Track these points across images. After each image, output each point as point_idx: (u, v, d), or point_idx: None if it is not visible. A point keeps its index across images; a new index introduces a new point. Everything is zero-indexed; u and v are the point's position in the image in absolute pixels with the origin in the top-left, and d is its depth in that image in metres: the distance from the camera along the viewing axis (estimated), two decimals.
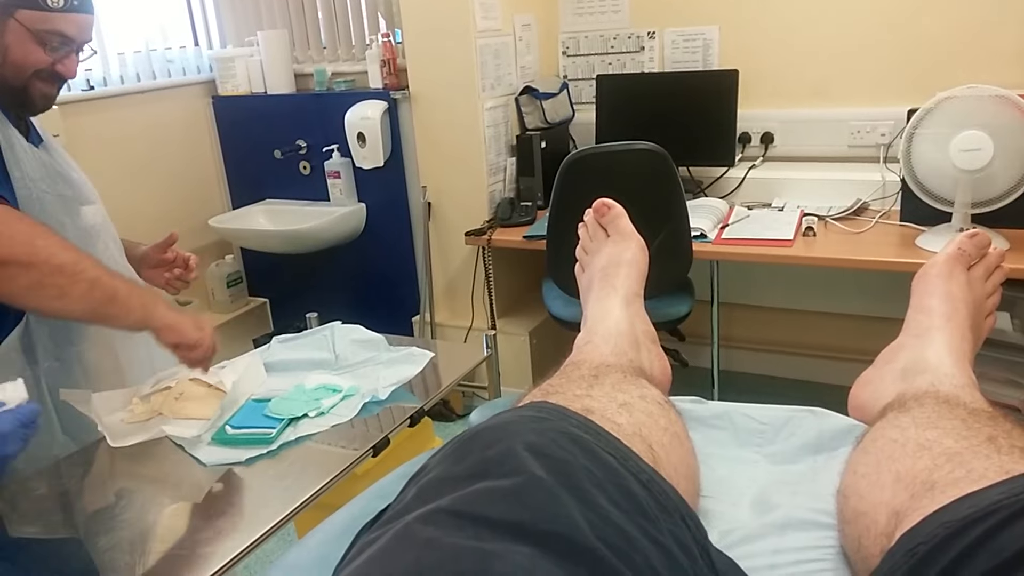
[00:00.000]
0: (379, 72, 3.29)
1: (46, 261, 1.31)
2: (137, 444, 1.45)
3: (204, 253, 3.69)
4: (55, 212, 1.53)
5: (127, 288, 1.41)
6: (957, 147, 2.24)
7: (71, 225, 1.57)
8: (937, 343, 1.03)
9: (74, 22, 1.46)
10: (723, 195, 3.08)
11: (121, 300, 1.39)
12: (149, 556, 1.16)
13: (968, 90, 2.27)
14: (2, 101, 1.48)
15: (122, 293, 1.39)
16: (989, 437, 0.78)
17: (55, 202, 1.53)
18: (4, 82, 1.46)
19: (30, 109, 1.53)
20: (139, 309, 1.41)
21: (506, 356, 2.85)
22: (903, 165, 2.39)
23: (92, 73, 3.21)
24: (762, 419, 1.14)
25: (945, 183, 2.33)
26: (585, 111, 3.36)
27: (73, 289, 1.34)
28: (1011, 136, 2.22)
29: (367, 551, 0.65)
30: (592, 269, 1.26)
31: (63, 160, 1.63)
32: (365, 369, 1.65)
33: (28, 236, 1.32)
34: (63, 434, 1.58)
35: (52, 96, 1.53)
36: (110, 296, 1.38)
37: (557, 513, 0.64)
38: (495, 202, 3.15)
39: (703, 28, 3.11)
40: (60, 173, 1.59)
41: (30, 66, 1.45)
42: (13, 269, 1.30)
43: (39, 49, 1.45)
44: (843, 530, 0.84)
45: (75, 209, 1.59)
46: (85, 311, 1.39)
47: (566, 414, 0.81)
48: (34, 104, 1.52)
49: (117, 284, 1.39)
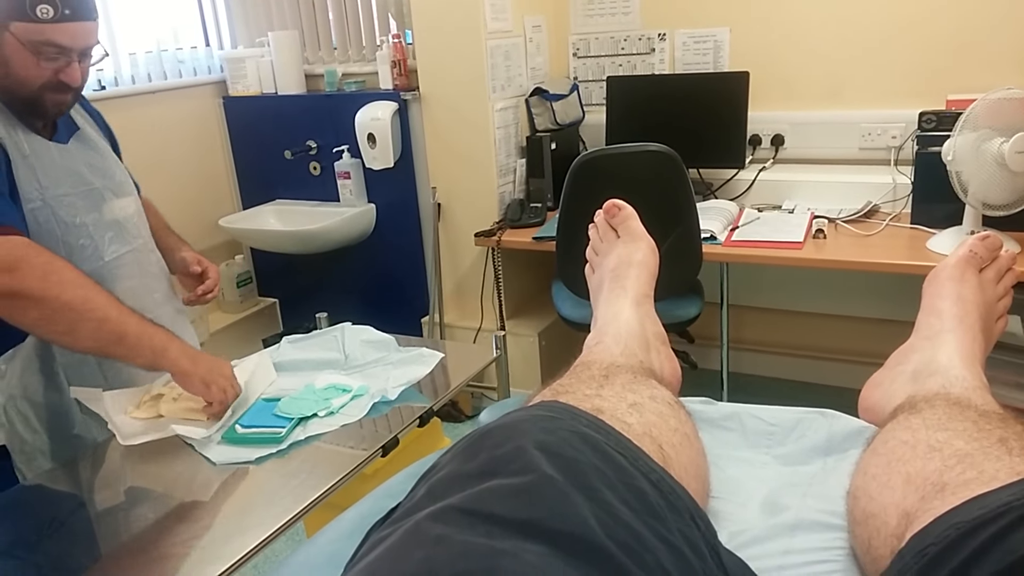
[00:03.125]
0: (389, 73, 3.30)
1: (56, 297, 1.34)
2: (147, 443, 1.45)
3: (214, 253, 3.70)
4: (75, 214, 1.54)
5: (138, 329, 1.41)
6: (1014, 148, 2.20)
7: (98, 222, 1.58)
8: (948, 345, 1.03)
9: (67, 31, 1.44)
10: (733, 197, 3.07)
11: (130, 342, 1.40)
12: (159, 554, 1.16)
13: (1008, 92, 2.24)
14: (16, 110, 1.48)
15: (132, 335, 1.40)
16: (1000, 439, 0.78)
17: (77, 202, 1.55)
18: (14, 94, 1.47)
19: (44, 117, 1.53)
20: (148, 352, 1.42)
21: (515, 357, 2.85)
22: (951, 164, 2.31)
23: (104, 73, 3.22)
24: (772, 420, 1.13)
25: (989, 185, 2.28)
26: (595, 113, 3.36)
27: (81, 327, 1.36)
28: None
29: (377, 549, 0.66)
30: (602, 270, 1.26)
31: (97, 150, 1.64)
32: (375, 369, 1.66)
33: (42, 271, 1.34)
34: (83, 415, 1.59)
35: (66, 103, 1.54)
36: (119, 336, 1.39)
37: (567, 512, 0.64)
38: (505, 203, 3.15)
39: (714, 30, 3.11)
40: (94, 166, 1.61)
41: (33, 79, 1.45)
42: (24, 302, 1.32)
43: (36, 61, 1.43)
44: (853, 531, 0.84)
45: (103, 203, 1.60)
46: (93, 348, 1.43)
47: (576, 413, 0.81)
48: (47, 112, 1.52)
49: (128, 325, 1.40)
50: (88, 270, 1.50)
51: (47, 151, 1.52)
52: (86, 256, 1.55)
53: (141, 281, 1.68)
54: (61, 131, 1.58)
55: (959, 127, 2.29)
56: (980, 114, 2.26)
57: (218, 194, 3.75)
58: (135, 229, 1.69)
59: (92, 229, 1.57)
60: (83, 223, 1.55)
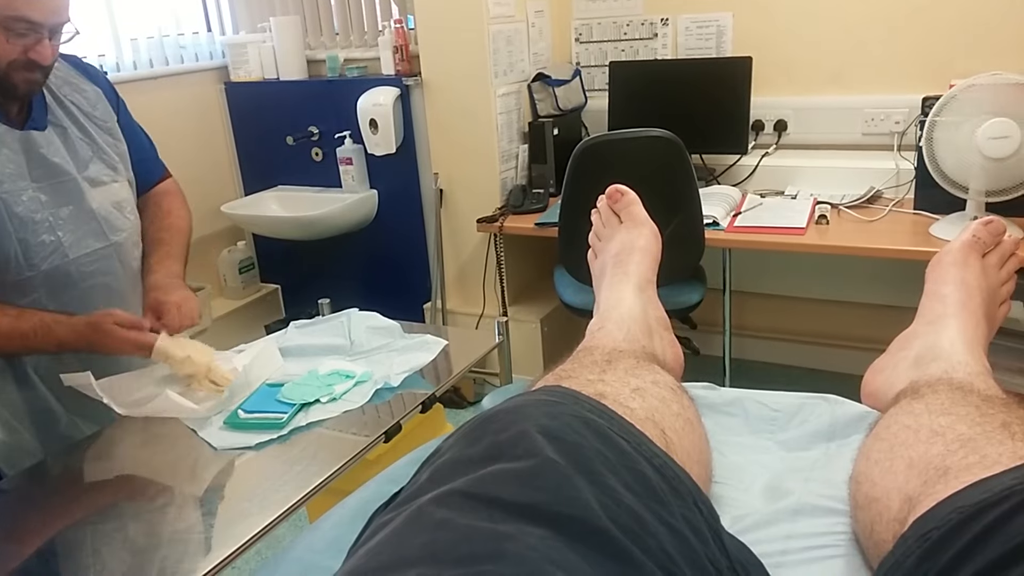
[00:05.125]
0: (391, 58, 3.29)
1: None
2: (147, 430, 1.45)
3: (216, 239, 3.71)
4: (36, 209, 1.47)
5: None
6: (985, 135, 2.21)
7: (71, 215, 1.52)
8: (951, 330, 1.03)
9: (38, 6, 1.37)
10: (736, 183, 3.07)
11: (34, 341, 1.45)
12: (160, 540, 1.16)
13: (991, 77, 2.24)
14: None
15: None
16: (1003, 423, 0.78)
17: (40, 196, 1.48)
18: None
19: (15, 97, 1.46)
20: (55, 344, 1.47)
21: (517, 343, 2.85)
22: (925, 152, 2.36)
23: (105, 59, 3.22)
24: (775, 406, 1.14)
25: (965, 170, 2.31)
26: (598, 98, 3.35)
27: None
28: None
29: (381, 533, 0.66)
30: (605, 255, 1.26)
31: (85, 135, 1.58)
32: (379, 356, 1.66)
33: None
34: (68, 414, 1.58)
35: (37, 81, 1.46)
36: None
37: (570, 496, 0.64)
38: (507, 189, 3.15)
39: (716, 15, 3.10)
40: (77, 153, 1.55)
41: (2, 57, 1.39)
42: None
43: (5, 38, 1.37)
44: (856, 516, 0.84)
45: (80, 194, 1.54)
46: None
47: (579, 398, 0.81)
48: (17, 91, 1.45)
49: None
50: (49, 267, 1.49)
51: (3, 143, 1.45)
52: (47, 253, 1.49)
53: (120, 277, 1.63)
54: (38, 117, 1.52)
55: (936, 112, 2.32)
56: (961, 100, 2.28)
57: (220, 180, 3.75)
58: (120, 221, 1.62)
59: (59, 224, 1.50)
60: (45, 219, 1.48)
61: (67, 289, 1.53)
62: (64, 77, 1.59)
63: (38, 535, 1.22)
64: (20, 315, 1.44)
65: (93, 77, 1.67)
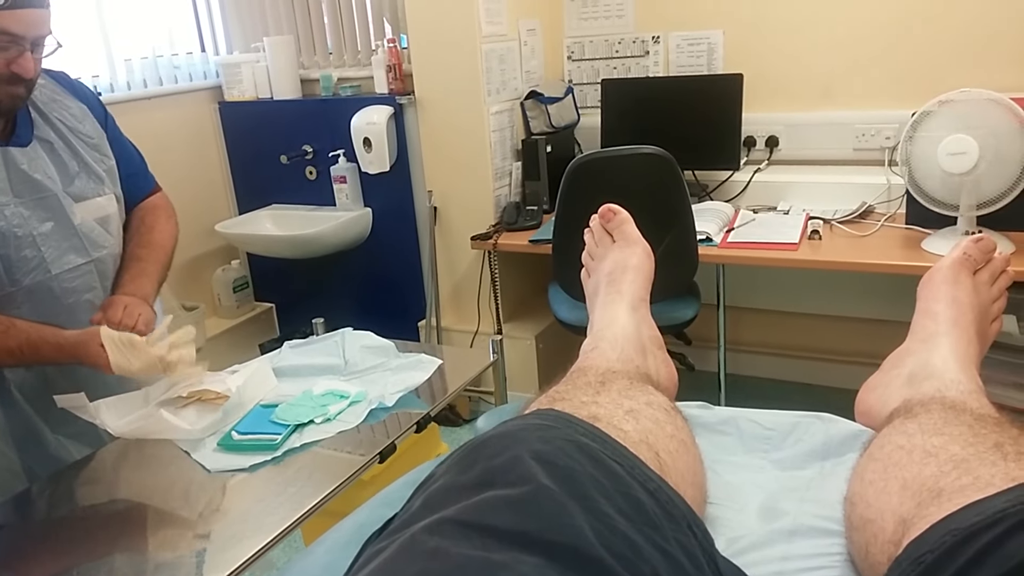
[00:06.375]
0: (385, 77, 3.30)
1: None
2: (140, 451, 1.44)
3: (210, 258, 3.71)
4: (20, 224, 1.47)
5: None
6: (944, 151, 2.24)
7: (53, 231, 1.52)
8: (943, 348, 1.03)
9: (19, 18, 1.35)
10: (728, 199, 3.07)
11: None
12: (154, 563, 1.16)
13: (962, 94, 2.27)
14: None
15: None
16: (996, 443, 0.78)
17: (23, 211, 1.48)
18: None
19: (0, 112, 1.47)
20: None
21: (512, 361, 2.85)
22: (903, 167, 2.38)
23: (99, 80, 3.22)
24: (769, 425, 1.14)
25: (939, 186, 2.34)
26: (590, 115, 3.36)
27: None
28: (1005, 139, 2.21)
29: (373, 562, 0.65)
30: (598, 275, 1.26)
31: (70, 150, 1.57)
32: (373, 376, 1.65)
33: None
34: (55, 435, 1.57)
35: (20, 96, 1.46)
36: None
37: (564, 523, 0.64)
38: (501, 206, 3.15)
39: (707, 32, 3.11)
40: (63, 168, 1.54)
41: None
42: None
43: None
44: (851, 537, 0.84)
45: (62, 210, 1.53)
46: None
47: (572, 421, 0.81)
48: (1, 106, 1.44)
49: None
50: (31, 283, 1.49)
51: None
52: (30, 268, 1.49)
53: (101, 293, 1.62)
54: (22, 133, 1.51)
55: (912, 129, 2.36)
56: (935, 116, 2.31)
57: (214, 199, 3.75)
58: (101, 238, 1.62)
59: (41, 239, 1.50)
60: (27, 234, 1.48)
61: (50, 305, 1.53)
62: (50, 94, 1.59)
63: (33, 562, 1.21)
64: (6, 331, 1.44)
65: (78, 93, 1.67)
